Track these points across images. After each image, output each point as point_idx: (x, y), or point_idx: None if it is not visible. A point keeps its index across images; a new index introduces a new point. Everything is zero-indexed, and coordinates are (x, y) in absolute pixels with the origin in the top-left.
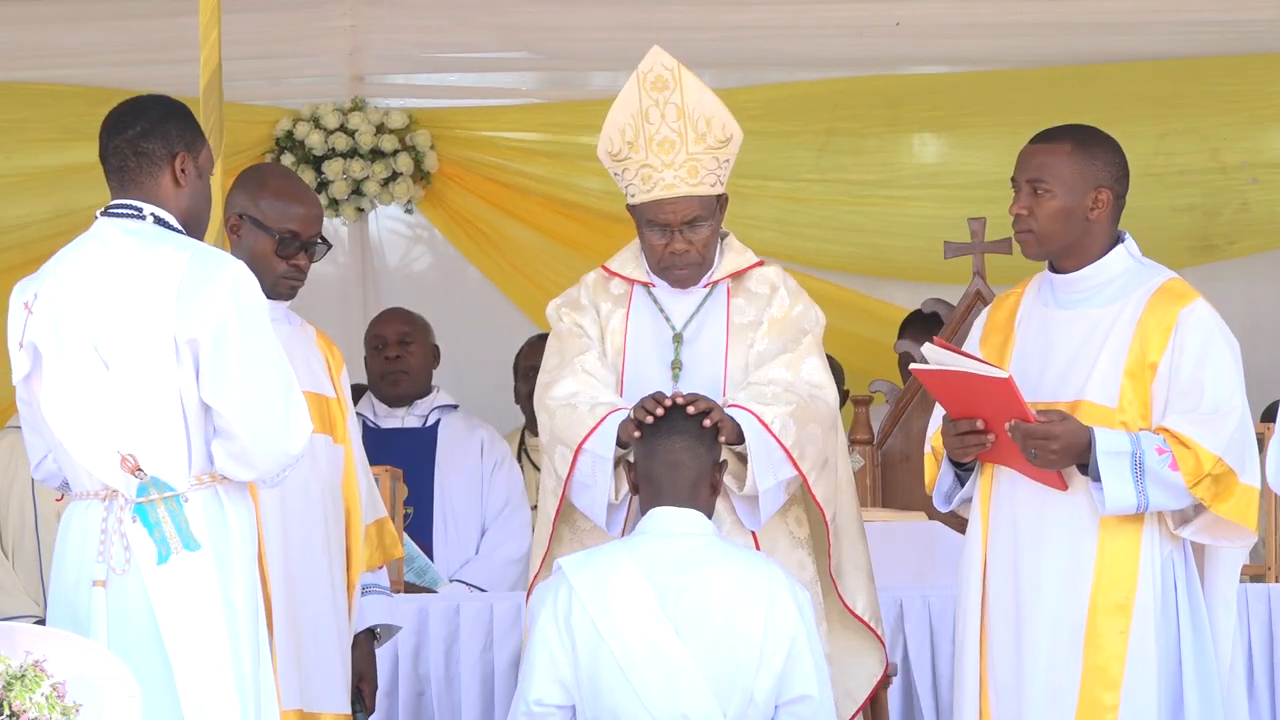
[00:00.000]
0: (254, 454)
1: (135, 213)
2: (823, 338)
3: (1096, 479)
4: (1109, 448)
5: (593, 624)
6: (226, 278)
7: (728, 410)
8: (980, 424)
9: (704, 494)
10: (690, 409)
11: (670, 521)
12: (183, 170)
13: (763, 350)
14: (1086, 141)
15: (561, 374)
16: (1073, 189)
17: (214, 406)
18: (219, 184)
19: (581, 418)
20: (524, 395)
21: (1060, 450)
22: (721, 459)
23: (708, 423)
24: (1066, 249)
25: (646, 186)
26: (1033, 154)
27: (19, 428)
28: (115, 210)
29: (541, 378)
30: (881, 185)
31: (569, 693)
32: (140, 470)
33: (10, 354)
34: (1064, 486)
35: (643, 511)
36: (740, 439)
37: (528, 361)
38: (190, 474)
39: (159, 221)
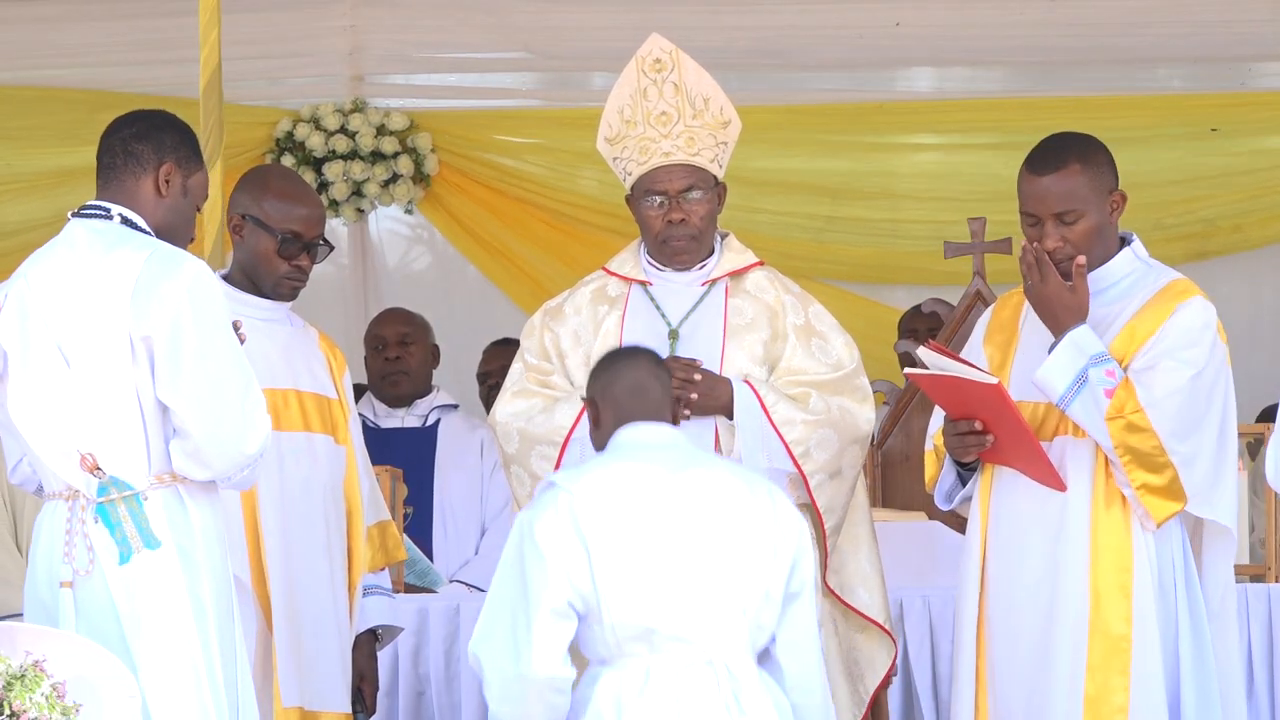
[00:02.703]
0: (208, 453)
1: (103, 213)
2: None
3: (1049, 353)
4: (1077, 340)
5: (601, 528)
6: (184, 276)
7: (736, 383)
8: (979, 425)
9: (667, 420)
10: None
11: (647, 433)
12: (167, 181)
13: (792, 360)
14: (1087, 154)
15: (514, 394)
16: (1096, 204)
17: (169, 404)
18: (218, 185)
19: (561, 411)
20: (486, 401)
21: (1036, 302)
22: (679, 394)
23: (687, 412)
24: (1099, 258)
25: (644, 157)
26: (1047, 187)
27: None
28: (85, 211)
29: (499, 400)
30: (882, 186)
31: (584, 601)
32: (99, 469)
33: None
34: (1063, 488)
35: (602, 443)
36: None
37: (484, 367)
38: (150, 473)
39: (126, 222)
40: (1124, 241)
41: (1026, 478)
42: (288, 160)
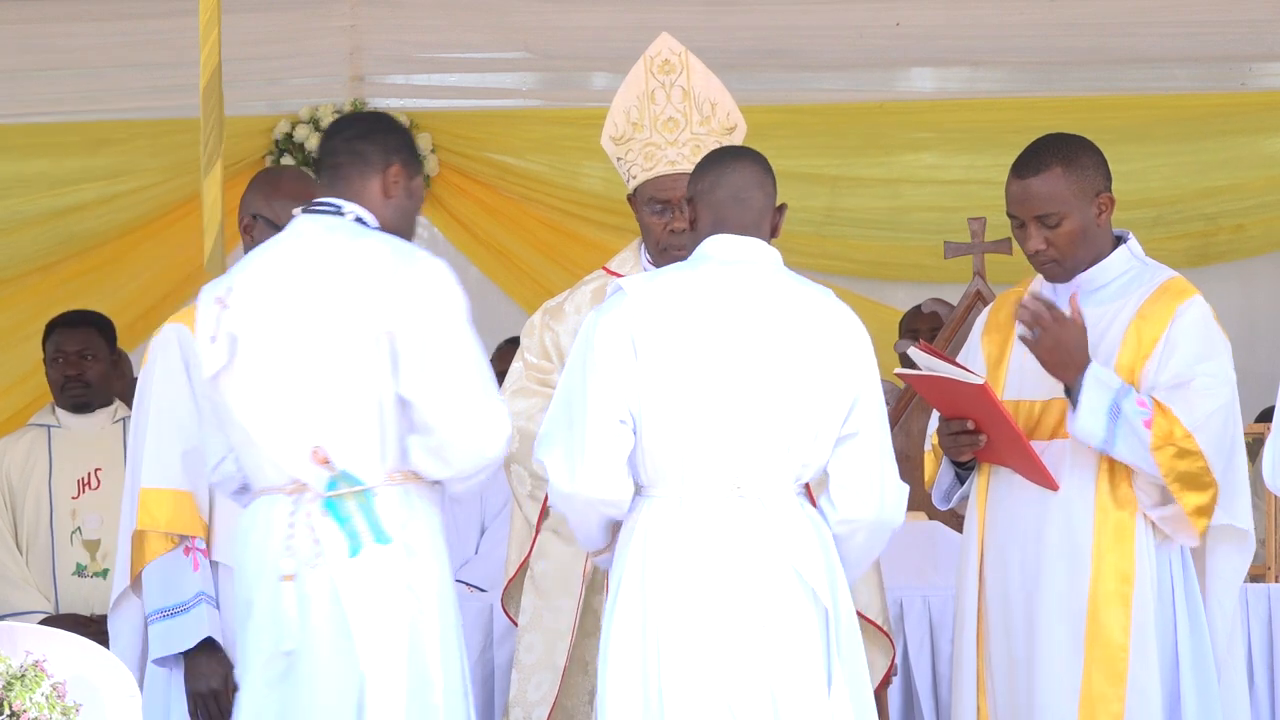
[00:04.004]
0: (451, 450)
1: (335, 210)
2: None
3: (1075, 404)
4: (1099, 376)
5: (654, 339)
6: (429, 272)
7: None
8: (971, 424)
9: (764, 233)
10: None
11: (734, 247)
12: (395, 182)
13: None
14: (1071, 156)
15: (515, 393)
16: (1079, 206)
17: (411, 400)
18: (218, 186)
19: None
20: None
21: (1052, 348)
22: (781, 203)
23: None
24: (1087, 260)
25: (649, 164)
26: (1028, 189)
27: (42, 426)
28: (316, 208)
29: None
30: (882, 185)
31: (630, 413)
32: (330, 463)
33: (201, 351)
34: (1055, 487)
35: (693, 247)
36: None
37: (494, 368)
38: (383, 469)
39: (358, 221)
40: (1120, 240)
41: (1024, 477)
42: (287, 162)
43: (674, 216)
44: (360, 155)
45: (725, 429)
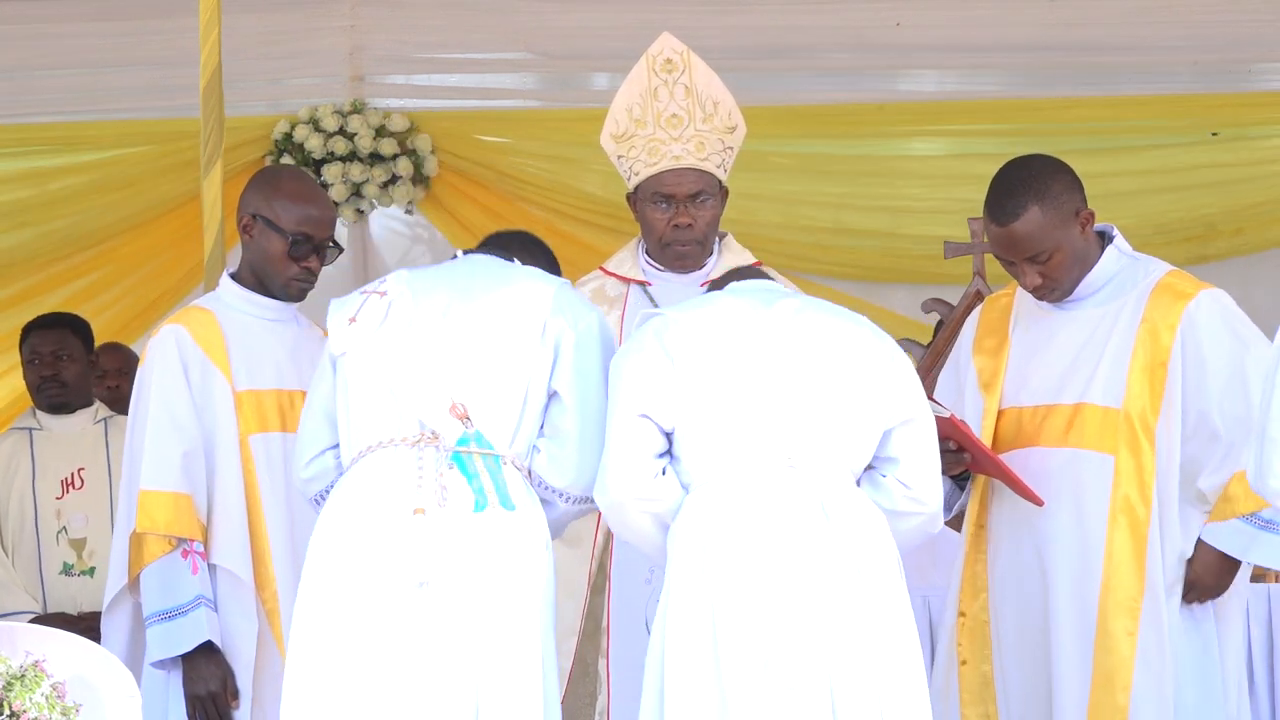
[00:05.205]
0: (573, 461)
1: (505, 257)
2: None
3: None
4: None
5: (689, 345)
6: (600, 316)
7: None
8: (953, 444)
9: None
10: None
11: (748, 279)
12: None
13: None
14: (1042, 189)
15: None
16: (1064, 233)
17: (564, 395)
18: (218, 187)
19: None
20: None
21: (1214, 587)
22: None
23: None
24: (1083, 275)
25: (653, 159)
26: (1011, 235)
27: (24, 429)
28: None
29: None
30: (882, 186)
31: (669, 417)
32: (469, 419)
33: (334, 333)
34: (1041, 503)
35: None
36: None
37: None
38: (510, 451)
39: None
40: (1104, 237)
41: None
42: (287, 161)
43: (677, 211)
44: (531, 254)
45: (773, 413)
